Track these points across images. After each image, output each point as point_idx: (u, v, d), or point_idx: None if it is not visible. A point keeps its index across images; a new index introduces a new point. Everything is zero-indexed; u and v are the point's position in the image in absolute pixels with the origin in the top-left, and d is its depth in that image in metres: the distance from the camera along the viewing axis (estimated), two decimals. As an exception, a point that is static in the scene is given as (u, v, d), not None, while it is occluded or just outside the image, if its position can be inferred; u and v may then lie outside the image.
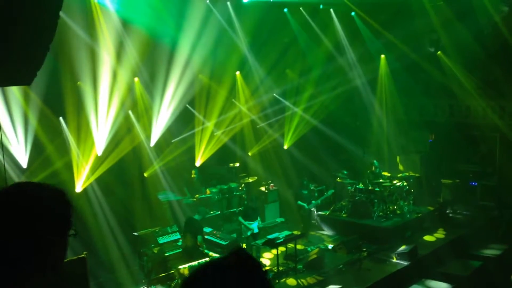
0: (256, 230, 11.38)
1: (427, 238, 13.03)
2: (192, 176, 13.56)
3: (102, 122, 12.23)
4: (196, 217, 11.05)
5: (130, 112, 13.16)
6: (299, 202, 12.88)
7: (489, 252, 12.53)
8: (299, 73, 16.24)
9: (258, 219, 11.72)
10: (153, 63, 13.06)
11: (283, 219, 13.81)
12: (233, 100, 15.34)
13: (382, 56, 16.53)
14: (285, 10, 14.68)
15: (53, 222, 1.69)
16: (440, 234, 13.22)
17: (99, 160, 12.19)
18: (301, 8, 14.66)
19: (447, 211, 14.47)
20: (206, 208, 12.19)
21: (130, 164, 12.93)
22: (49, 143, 11.60)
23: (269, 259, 11.40)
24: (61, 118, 11.87)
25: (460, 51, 14.83)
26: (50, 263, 1.69)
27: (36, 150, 11.33)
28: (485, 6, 13.71)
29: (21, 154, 11.16)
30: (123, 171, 12.74)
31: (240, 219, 11.65)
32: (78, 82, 11.88)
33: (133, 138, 13.21)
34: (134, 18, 12.03)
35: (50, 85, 10.76)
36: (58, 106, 11.63)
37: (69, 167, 11.79)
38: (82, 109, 11.90)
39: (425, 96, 16.45)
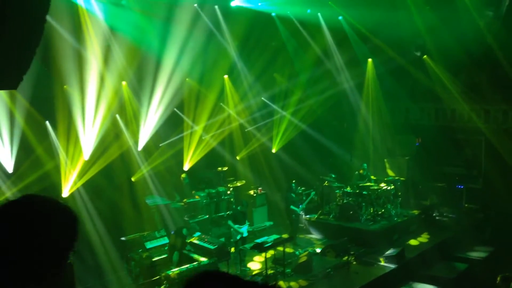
0: (245, 234, 11.38)
1: (414, 241, 13.13)
2: (182, 179, 13.49)
3: (89, 126, 12.15)
4: (184, 232, 10.98)
5: (117, 116, 13.10)
6: (292, 207, 12.89)
7: (475, 254, 12.67)
8: (287, 77, 16.30)
9: (247, 223, 11.72)
10: (140, 67, 13.01)
11: (271, 223, 13.81)
12: (221, 104, 15.34)
13: (369, 60, 16.65)
14: (273, 14, 14.72)
15: (62, 237, 1.75)
16: (426, 237, 13.33)
17: (86, 165, 12.11)
18: (288, 12, 14.71)
19: (434, 214, 14.58)
20: (196, 225, 12.16)
21: (118, 168, 12.86)
22: (35, 148, 11.51)
23: (259, 262, 11.38)
24: (47, 122, 11.78)
25: (445, 55, 15.00)
26: (55, 276, 1.75)
27: (23, 155, 11.23)
28: (470, 11, 13.87)
29: (7, 158, 11.04)
30: (111, 176, 12.66)
31: (230, 223, 11.63)
32: (65, 86, 11.80)
33: (121, 142, 13.14)
34: (121, 22, 11.99)
35: (37, 89, 10.67)
36: (45, 110, 11.55)
37: (56, 171, 11.69)
38: (69, 113, 11.81)
39: (411, 100, 16.61)
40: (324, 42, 15.72)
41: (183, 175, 13.53)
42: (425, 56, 15.83)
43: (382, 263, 11.52)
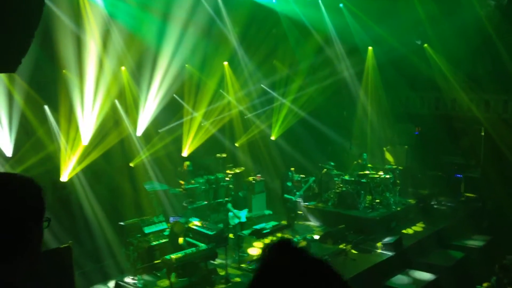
0: (243, 219, 11.41)
1: (412, 229, 13.18)
2: (185, 168, 13.46)
3: (88, 111, 12.13)
4: (182, 220, 11.02)
5: (116, 101, 13.07)
6: (286, 195, 12.91)
7: (472, 243, 12.73)
8: (288, 65, 16.25)
9: (247, 209, 11.73)
10: (140, 52, 12.96)
11: (270, 212, 13.77)
12: (221, 91, 15.31)
13: (370, 48, 16.58)
14: (274, 1, 14.63)
15: (27, 210, 1.74)
16: (423, 225, 13.38)
17: (85, 149, 12.11)
18: (289, -1, 14.62)
19: (432, 203, 14.63)
20: (192, 213, 12.16)
21: (117, 153, 12.86)
22: (35, 131, 11.50)
23: (258, 248, 11.40)
24: (46, 107, 11.76)
25: (445, 45, 14.94)
26: (28, 247, 1.73)
27: (22, 138, 11.22)
28: (471, 1, 13.80)
29: (6, 142, 11.03)
30: (109, 161, 12.67)
31: (229, 206, 11.65)
32: (64, 71, 11.76)
33: (120, 128, 13.13)
34: (120, 7, 11.91)
35: (36, 73, 10.65)
36: (44, 94, 11.53)
37: (55, 156, 11.70)
38: (67, 98, 11.78)
39: (411, 89, 16.57)
40: (325, 30, 15.64)
41: (187, 163, 13.52)
42: (425, 45, 15.76)
43: (380, 251, 11.56)
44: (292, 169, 13.49)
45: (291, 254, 1.34)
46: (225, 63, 15.30)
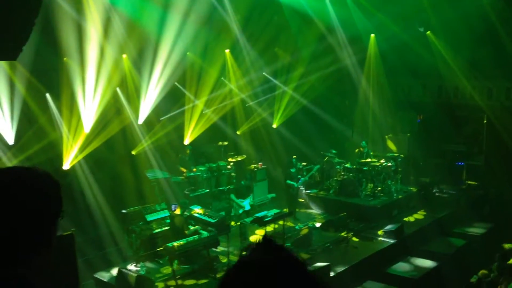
0: (247, 208, 11.42)
1: (413, 217, 13.20)
2: (187, 153, 13.47)
3: (90, 99, 12.12)
4: (181, 204, 11.02)
5: (118, 89, 13.05)
6: (288, 181, 12.94)
7: (474, 230, 12.75)
8: (289, 52, 16.17)
9: (250, 197, 11.74)
10: (141, 40, 12.91)
11: (274, 195, 13.69)
12: (222, 78, 15.26)
13: (372, 35, 16.47)
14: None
15: (49, 206, 1.74)
16: (424, 213, 13.40)
17: (87, 137, 12.11)
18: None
19: (434, 191, 14.63)
20: (187, 200, 12.16)
21: (119, 141, 12.87)
22: (37, 119, 11.51)
23: (260, 236, 11.45)
24: (47, 95, 11.75)
25: (448, 32, 14.84)
26: (47, 243, 1.74)
27: (23, 127, 11.22)
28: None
29: (8, 130, 11.04)
30: (112, 149, 12.68)
31: (232, 196, 11.67)
32: (65, 58, 11.73)
33: (121, 116, 13.12)
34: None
35: (36, 61, 10.62)
36: (45, 83, 11.51)
37: (57, 144, 11.71)
38: (69, 86, 11.77)
39: (414, 77, 16.48)
40: (327, 17, 15.53)
41: (188, 148, 13.53)
42: (428, 32, 15.65)
43: (381, 238, 11.60)
44: (294, 156, 13.50)
45: (270, 252, 1.29)
46: (227, 51, 15.24)
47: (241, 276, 1.25)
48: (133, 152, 13.33)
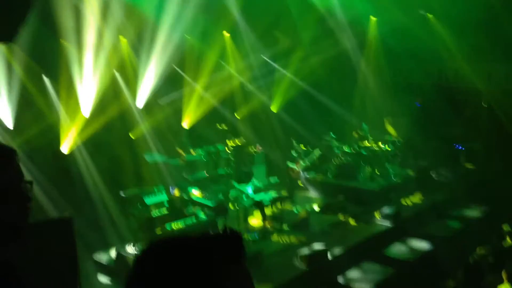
0: (250, 193, 11.43)
1: (411, 200, 13.25)
2: (184, 135, 13.49)
3: (88, 82, 12.08)
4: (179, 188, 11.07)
5: (116, 72, 13.00)
6: (289, 164, 12.97)
7: (471, 213, 12.81)
8: (289, 36, 16.07)
9: (253, 181, 11.75)
10: (139, 22, 12.83)
11: (277, 180, 13.67)
12: (221, 61, 15.20)
13: (372, 18, 16.36)
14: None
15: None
16: (422, 196, 13.43)
17: (86, 121, 12.11)
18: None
19: (432, 174, 14.66)
20: (185, 183, 12.16)
21: (117, 124, 12.86)
22: (35, 103, 11.48)
23: (258, 219, 11.49)
24: (45, 78, 11.71)
25: (449, 15, 14.72)
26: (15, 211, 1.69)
27: (22, 110, 11.21)
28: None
29: (7, 113, 11.03)
30: (110, 132, 12.68)
31: (235, 184, 11.70)
32: (62, 41, 11.67)
33: (120, 99, 13.10)
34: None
35: (34, 44, 10.57)
36: (43, 65, 11.47)
37: (55, 127, 11.71)
38: (67, 69, 11.73)
39: (414, 60, 16.38)
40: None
41: (184, 131, 13.54)
42: (429, 15, 15.54)
43: (379, 221, 11.66)
44: (294, 140, 13.47)
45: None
46: (226, 33, 15.14)
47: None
48: (131, 135, 13.33)
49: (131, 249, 10.08)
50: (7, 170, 1.67)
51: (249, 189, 11.45)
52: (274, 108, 16.33)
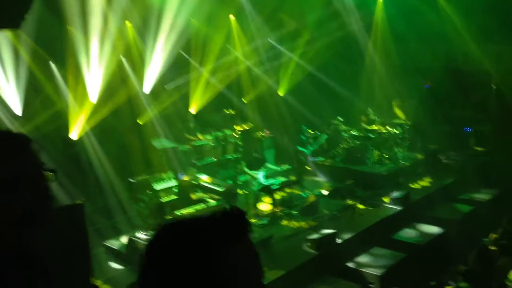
0: (262, 179, 11.41)
1: (420, 184, 13.21)
2: (190, 119, 13.45)
3: (95, 68, 12.04)
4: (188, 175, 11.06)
5: (123, 58, 12.95)
6: (299, 148, 12.94)
7: (481, 196, 12.75)
8: (296, 18, 15.91)
9: (264, 167, 11.72)
10: (145, 7, 12.73)
11: (289, 166, 13.56)
12: (227, 46, 15.09)
13: (379, 0, 16.16)
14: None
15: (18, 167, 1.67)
16: (431, 180, 13.38)
17: (94, 107, 12.10)
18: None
19: (441, 157, 14.58)
20: (194, 169, 12.13)
21: (125, 111, 12.85)
22: (42, 89, 11.47)
23: (268, 204, 11.49)
24: (52, 63, 11.68)
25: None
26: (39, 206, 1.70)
27: (30, 96, 11.21)
28: None
29: (15, 100, 11.03)
30: (118, 118, 12.67)
31: (246, 169, 11.69)
32: (68, 27, 11.60)
33: (127, 85, 13.06)
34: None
35: (40, 29, 10.53)
36: (49, 51, 11.44)
37: (64, 113, 11.71)
38: (73, 55, 11.69)
39: (422, 42, 16.20)
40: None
41: (190, 116, 13.51)
42: (437, -5, 15.33)
43: (388, 205, 11.64)
44: (304, 125, 13.41)
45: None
46: (232, 17, 15.02)
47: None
48: (139, 121, 13.32)
49: (142, 235, 10.13)
50: (18, 157, 1.67)
51: (260, 175, 11.44)
52: (281, 92, 16.25)
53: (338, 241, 9.81)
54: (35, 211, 1.68)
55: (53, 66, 11.69)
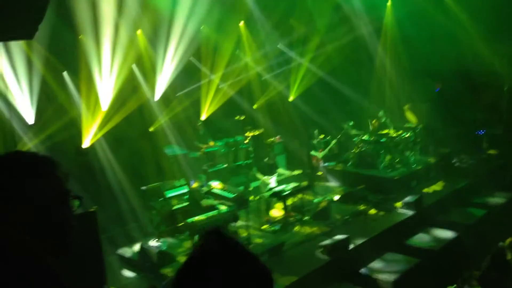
0: (274, 185, 11.38)
1: (432, 188, 13.11)
2: (199, 125, 13.50)
3: (106, 76, 12.15)
4: (200, 181, 11.10)
5: (134, 66, 13.05)
6: (313, 153, 12.92)
7: (494, 200, 12.63)
8: (305, 23, 15.92)
9: (277, 173, 11.70)
10: (155, 15, 12.82)
11: (300, 171, 13.50)
12: (237, 52, 15.14)
13: (388, 3, 16.12)
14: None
15: (49, 188, 1.60)
16: (444, 184, 13.28)
17: (106, 115, 12.20)
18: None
19: (453, 161, 14.47)
20: (205, 176, 12.15)
21: (136, 118, 12.94)
22: (56, 98, 11.59)
23: (280, 209, 11.48)
24: (65, 73, 11.81)
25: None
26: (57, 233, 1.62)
27: (43, 106, 11.33)
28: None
29: (28, 109, 11.15)
30: (130, 126, 12.75)
31: (258, 175, 11.69)
32: (80, 36, 11.72)
33: (139, 92, 13.15)
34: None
35: (53, 39, 10.65)
36: (62, 61, 11.57)
37: (76, 121, 11.82)
38: (86, 64, 11.80)
39: (431, 44, 16.12)
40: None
41: (200, 123, 13.58)
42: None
43: (400, 210, 11.57)
44: (315, 129, 13.38)
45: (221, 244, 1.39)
46: (241, 23, 15.07)
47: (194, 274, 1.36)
48: (150, 129, 13.39)
49: (153, 242, 10.17)
50: (38, 183, 1.56)
51: (272, 181, 11.43)
52: (291, 97, 16.25)
53: (351, 246, 9.77)
54: (56, 245, 1.60)
55: (66, 75, 11.81)
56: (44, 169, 1.60)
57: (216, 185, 11.21)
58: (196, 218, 9.54)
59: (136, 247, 9.97)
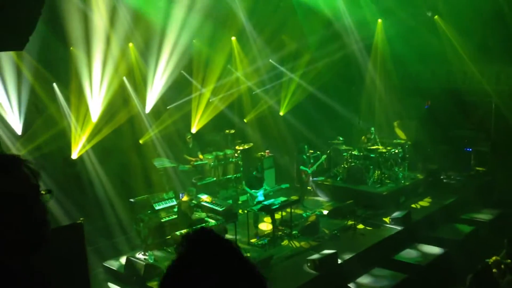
0: (261, 198, 11.38)
1: (421, 204, 13.18)
2: (188, 138, 13.47)
3: (97, 89, 12.15)
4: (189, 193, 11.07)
5: (125, 78, 13.06)
6: (302, 167, 12.96)
7: (482, 216, 12.71)
8: (296, 39, 16.06)
9: (264, 187, 11.72)
10: (147, 28, 12.88)
11: (287, 185, 13.42)
12: (228, 66, 15.22)
13: (379, 20, 16.32)
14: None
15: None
16: (431, 200, 13.35)
17: (95, 127, 12.17)
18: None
19: (441, 177, 14.57)
20: (194, 189, 12.11)
21: (126, 131, 12.91)
22: (45, 109, 11.56)
23: (268, 223, 11.46)
24: (54, 84, 11.80)
25: (456, 16, 14.65)
26: (31, 227, 1.64)
27: (32, 117, 11.29)
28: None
29: (16, 120, 11.10)
30: (119, 138, 12.73)
31: (246, 188, 11.69)
32: (71, 48, 11.74)
33: (129, 105, 13.15)
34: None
35: (43, 51, 10.66)
36: (53, 72, 11.56)
37: (65, 133, 11.78)
38: (76, 75, 11.80)
39: (421, 62, 16.31)
40: (333, 2, 15.38)
41: (188, 135, 13.57)
42: (436, 17, 15.48)
43: (388, 225, 11.61)
44: (305, 144, 13.44)
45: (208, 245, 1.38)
46: (233, 38, 15.18)
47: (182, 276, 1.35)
48: (140, 141, 13.37)
49: (140, 255, 10.10)
50: (3, 179, 1.60)
51: (259, 195, 11.43)
52: (282, 112, 16.33)
53: (339, 261, 9.76)
54: (28, 238, 1.63)
55: (55, 86, 11.80)
56: (10, 166, 1.64)
57: (205, 198, 11.20)
58: (184, 231, 9.49)
59: (123, 259, 9.90)
